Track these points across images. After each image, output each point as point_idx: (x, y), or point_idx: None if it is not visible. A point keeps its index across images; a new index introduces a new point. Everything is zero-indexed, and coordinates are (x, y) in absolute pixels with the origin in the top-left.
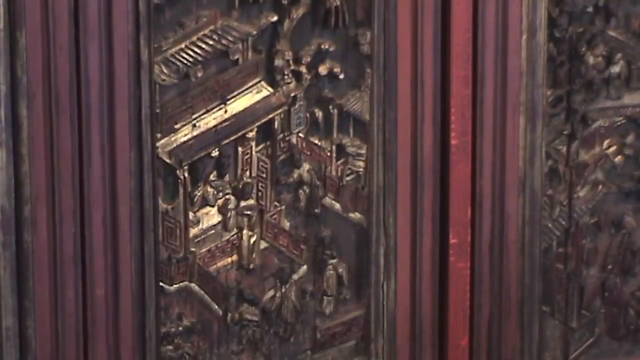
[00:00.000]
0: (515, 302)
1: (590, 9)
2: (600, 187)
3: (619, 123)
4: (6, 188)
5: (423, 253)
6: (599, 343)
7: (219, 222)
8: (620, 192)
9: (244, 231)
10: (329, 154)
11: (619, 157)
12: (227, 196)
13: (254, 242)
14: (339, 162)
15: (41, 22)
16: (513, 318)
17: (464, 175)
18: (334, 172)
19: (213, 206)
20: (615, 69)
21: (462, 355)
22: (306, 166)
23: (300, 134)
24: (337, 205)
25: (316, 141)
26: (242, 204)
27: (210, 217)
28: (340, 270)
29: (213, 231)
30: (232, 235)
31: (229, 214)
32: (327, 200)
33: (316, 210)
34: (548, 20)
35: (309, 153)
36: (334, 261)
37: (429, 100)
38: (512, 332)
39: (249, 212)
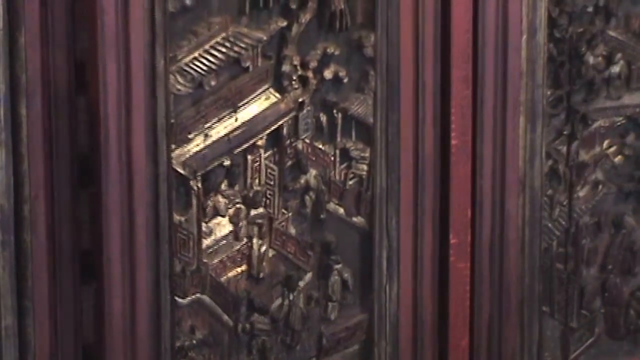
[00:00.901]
0: (515, 302)
1: (590, 9)
2: (600, 187)
3: (619, 123)
4: (5, 187)
5: (424, 254)
6: (599, 343)
7: (230, 232)
8: (620, 192)
9: (254, 240)
10: (332, 158)
11: (619, 157)
12: (238, 205)
13: (264, 250)
14: (342, 166)
15: (40, 21)
16: (513, 318)
17: (464, 175)
18: (337, 177)
19: (224, 216)
20: (615, 69)
21: (462, 355)
22: (313, 172)
23: (306, 140)
24: (341, 210)
25: (320, 146)
26: (253, 212)
27: (222, 227)
28: (345, 275)
29: (224, 241)
30: (243, 245)
31: (240, 223)
32: (332, 205)
33: (322, 216)
34: (548, 20)
35: (314, 158)
36: (339, 266)
37: (429, 100)
38: (512, 332)
39: (260, 221)
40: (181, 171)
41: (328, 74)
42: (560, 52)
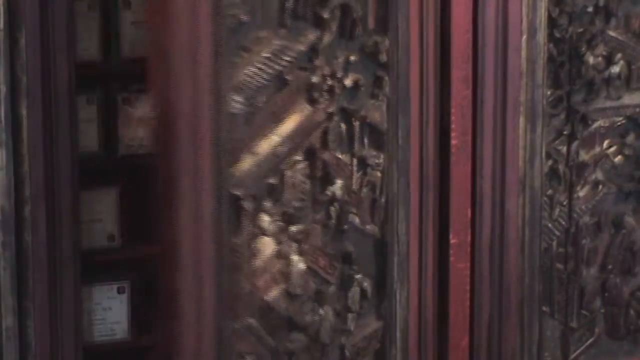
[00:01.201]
0: (515, 302)
1: (590, 9)
2: (600, 187)
3: (619, 123)
4: (6, 188)
5: (427, 256)
6: (599, 343)
7: (274, 251)
8: (620, 192)
9: (294, 257)
10: (350, 167)
11: (619, 157)
12: (279, 223)
13: (301, 266)
14: (359, 174)
15: (41, 22)
16: (513, 318)
17: (464, 175)
18: (355, 186)
19: (268, 235)
20: (615, 69)
21: (462, 355)
22: (339, 182)
23: (332, 150)
24: (357, 219)
25: (340, 155)
26: (293, 228)
27: (266, 246)
28: (364, 284)
29: (269, 260)
30: (283, 263)
31: (282, 240)
32: (350, 215)
33: (344, 227)
34: (548, 20)
35: (337, 168)
36: (359, 276)
37: (432, 101)
38: (512, 332)
39: (299, 237)
40: (235, 192)
41: (349, 82)
42: (560, 52)
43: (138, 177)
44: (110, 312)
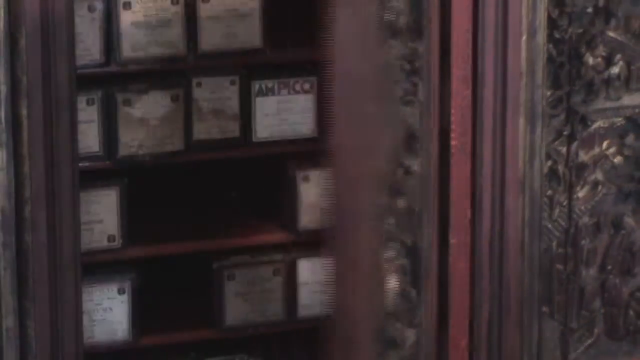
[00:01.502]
0: (515, 302)
1: (590, 10)
2: (600, 187)
3: (618, 124)
4: (6, 189)
5: (433, 258)
6: (598, 343)
7: (377, 270)
8: (620, 193)
9: (389, 274)
10: (396, 177)
11: (619, 157)
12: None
13: (394, 284)
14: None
15: (41, 23)
16: (513, 318)
17: (464, 175)
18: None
19: (374, 254)
20: (615, 70)
21: (462, 355)
22: (401, 194)
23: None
24: (400, 228)
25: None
26: (387, 244)
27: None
28: (412, 295)
29: (374, 280)
30: (382, 281)
31: (383, 258)
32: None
33: (403, 239)
34: (548, 21)
35: (401, 179)
36: (410, 288)
37: (437, 102)
38: (512, 332)
39: (388, 254)
40: None
41: (400, 92)
42: (560, 53)
43: (138, 177)
44: (111, 312)
